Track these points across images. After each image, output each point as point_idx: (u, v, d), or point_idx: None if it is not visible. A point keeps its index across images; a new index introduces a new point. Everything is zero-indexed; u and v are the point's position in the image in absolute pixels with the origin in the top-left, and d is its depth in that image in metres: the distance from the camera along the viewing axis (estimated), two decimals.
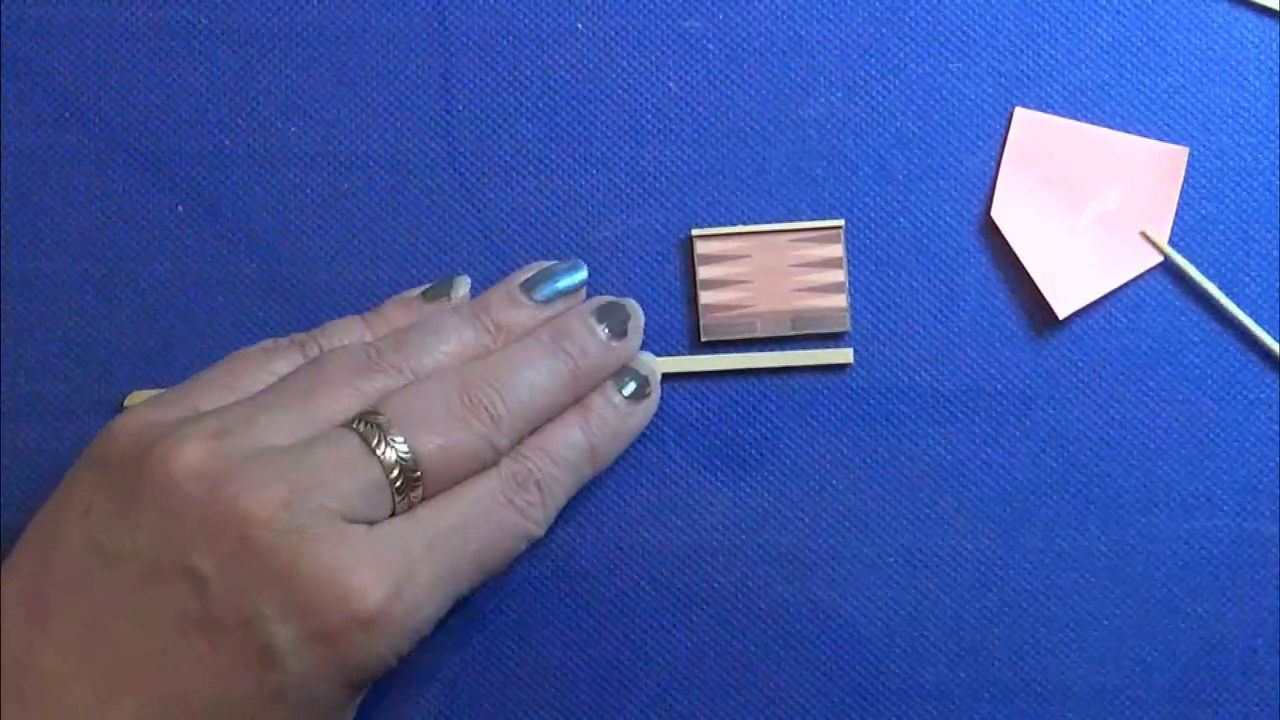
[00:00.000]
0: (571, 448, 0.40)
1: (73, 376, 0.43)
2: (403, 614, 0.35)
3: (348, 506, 0.35)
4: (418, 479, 0.37)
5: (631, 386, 0.41)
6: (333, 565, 0.34)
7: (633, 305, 0.42)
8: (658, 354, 0.43)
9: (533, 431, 0.39)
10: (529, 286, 0.41)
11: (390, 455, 0.36)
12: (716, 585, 0.42)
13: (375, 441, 0.36)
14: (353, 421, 0.37)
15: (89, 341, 0.43)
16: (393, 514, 0.37)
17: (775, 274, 0.43)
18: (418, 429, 0.37)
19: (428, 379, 0.38)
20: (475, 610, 0.42)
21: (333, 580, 0.34)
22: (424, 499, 0.37)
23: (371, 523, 0.36)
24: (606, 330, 0.41)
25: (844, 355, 0.42)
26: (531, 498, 0.39)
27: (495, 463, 0.38)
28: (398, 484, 0.36)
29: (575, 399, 0.40)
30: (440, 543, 0.37)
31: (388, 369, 0.38)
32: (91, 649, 0.34)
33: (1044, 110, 0.43)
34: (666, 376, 0.42)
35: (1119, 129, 0.43)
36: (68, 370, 0.43)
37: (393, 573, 0.35)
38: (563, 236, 0.43)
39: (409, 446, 0.36)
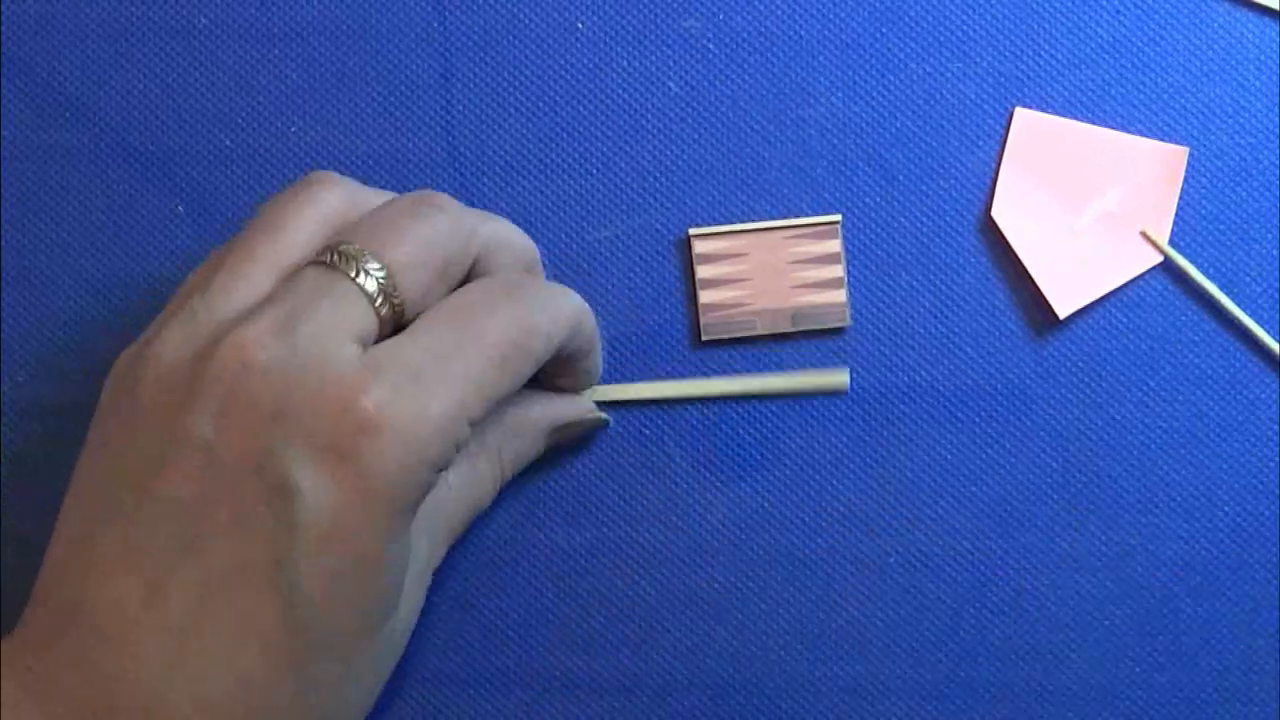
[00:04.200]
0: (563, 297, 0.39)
1: (73, 376, 0.43)
2: (413, 415, 0.33)
3: (335, 333, 0.34)
4: (399, 303, 0.35)
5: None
6: (325, 378, 0.33)
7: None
8: (657, 353, 0.43)
9: None
10: None
11: (371, 284, 0.35)
12: (717, 585, 0.42)
13: (352, 271, 0.35)
14: (323, 254, 0.35)
15: (89, 341, 0.43)
16: (381, 332, 0.35)
17: (774, 271, 0.43)
18: (389, 245, 0.35)
19: (382, 205, 0.37)
20: (473, 607, 0.42)
21: (326, 391, 0.33)
22: (410, 319, 0.36)
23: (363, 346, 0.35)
24: None
25: (841, 378, 0.42)
26: (539, 291, 0.37)
27: (471, 255, 0.37)
28: (382, 307, 0.35)
29: None
30: (444, 346, 0.35)
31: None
32: (130, 556, 0.33)
33: (1044, 110, 0.43)
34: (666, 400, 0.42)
35: (1119, 129, 0.43)
36: (68, 370, 0.43)
37: (390, 375, 0.34)
38: (562, 236, 0.43)
39: (382, 264, 0.35)
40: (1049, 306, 0.42)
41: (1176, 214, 0.43)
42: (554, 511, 0.43)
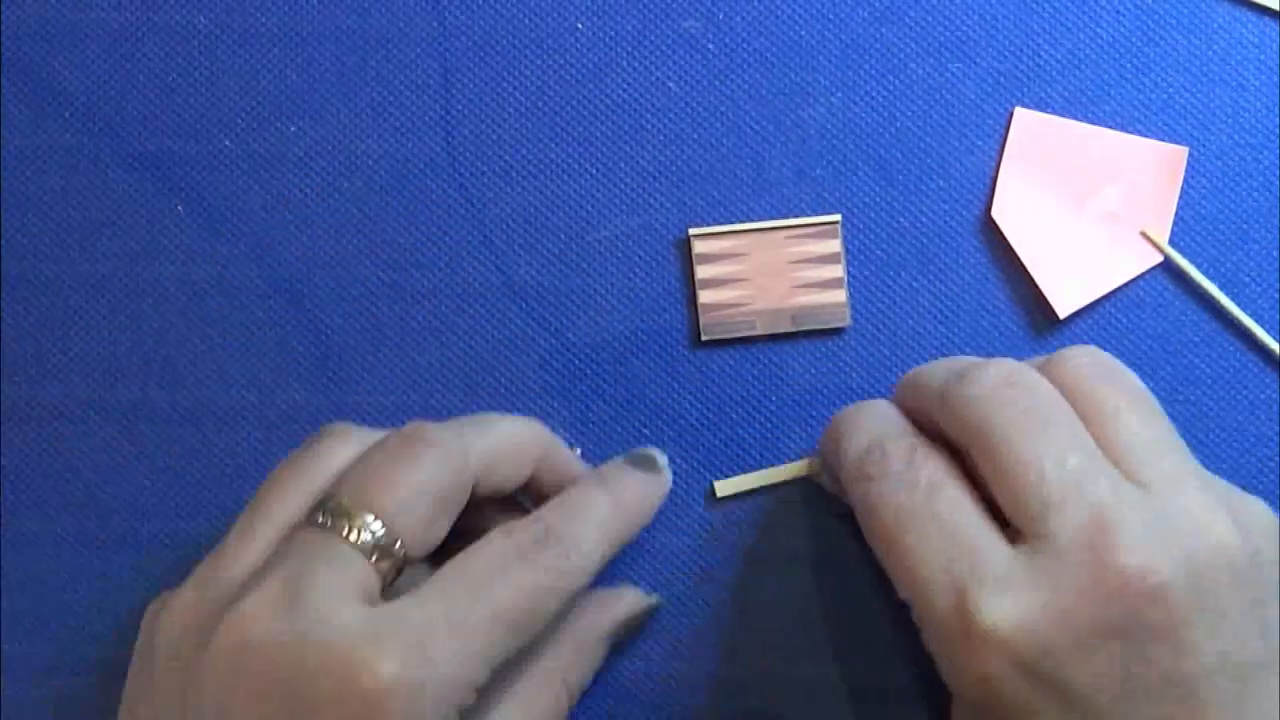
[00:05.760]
0: (590, 502, 0.38)
1: (73, 376, 0.43)
2: (421, 686, 0.33)
3: (334, 600, 0.34)
4: (400, 549, 0.35)
5: (641, 459, 0.40)
6: (327, 654, 0.33)
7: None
8: (657, 353, 0.43)
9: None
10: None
11: (366, 538, 0.35)
12: (717, 585, 0.42)
13: (345, 529, 0.35)
14: (314, 514, 0.35)
15: (89, 341, 0.43)
16: (385, 589, 0.35)
17: (774, 271, 0.43)
18: (381, 495, 0.35)
19: (370, 450, 0.37)
20: None
21: (330, 668, 0.33)
22: (417, 560, 0.36)
23: (367, 603, 0.35)
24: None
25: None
26: (553, 552, 0.36)
27: (468, 481, 0.37)
28: (379, 562, 0.35)
29: None
30: (453, 612, 0.34)
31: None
32: None
33: (1044, 110, 0.43)
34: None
35: (1119, 129, 0.43)
36: (68, 370, 0.43)
37: (399, 646, 0.33)
38: (562, 236, 0.43)
39: (376, 516, 0.35)
40: (1049, 306, 0.42)
41: (1176, 214, 0.43)
42: None
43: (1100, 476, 0.34)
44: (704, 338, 0.43)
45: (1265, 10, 0.43)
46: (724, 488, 0.42)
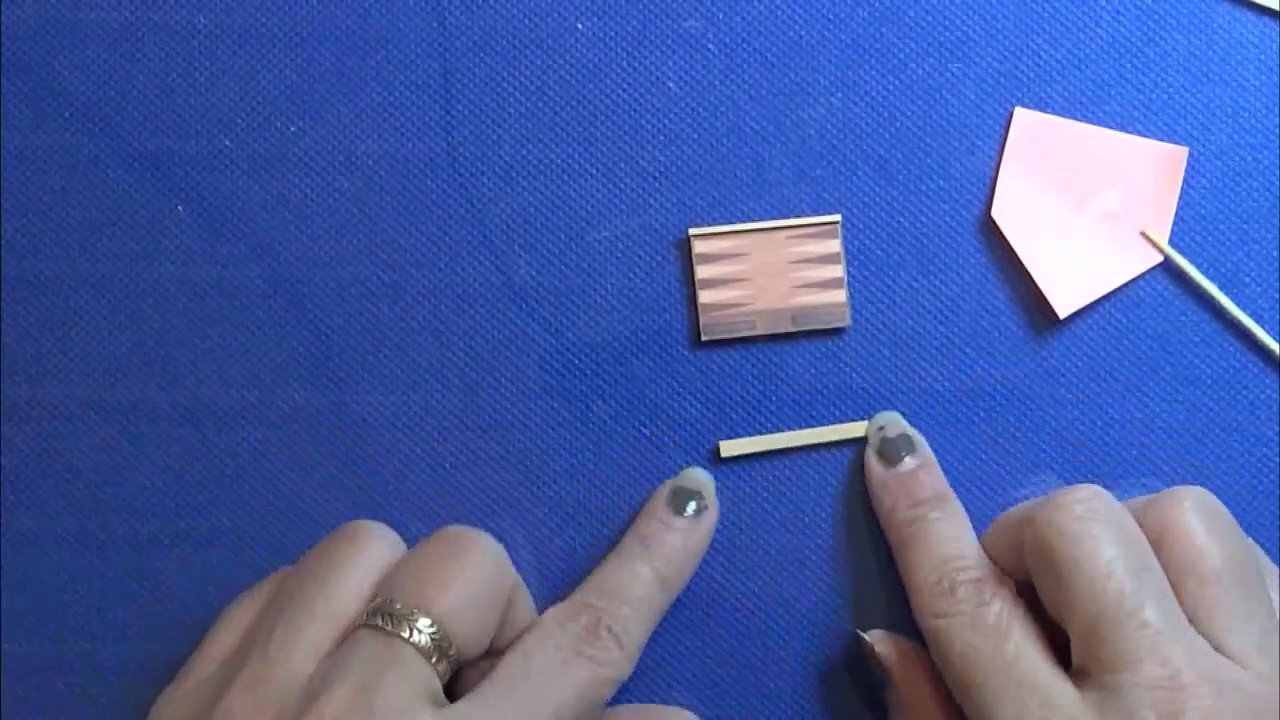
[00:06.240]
0: (640, 584, 0.39)
1: (73, 376, 0.43)
2: None
3: (407, 705, 0.34)
4: (454, 651, 0.36)
5: (691, 507, 0.41)
6: None
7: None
8: (657, 353, 0.43)
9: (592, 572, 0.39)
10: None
11: (424, 640, 0.35)
12: (716, 584, 0.42)
13: (405, 631, 0.35)
14: (373, 616, 0.36)
15: (89, 341, 0.43)
16: (442, 682, 0.36)
17: (774, 271, 0.43)
18: (436, 597, 0.36)
19: (416, 551, 0.38)
20: None
21: None
22: (470, 661, 0.37)
23: (434, 705, 0.35)
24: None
25: (857, 429, 0.42)
26: (605, 644, 0.37)
27: (510, 582, 0.38)
28: (439, 663, 0.36)
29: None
30: (515, 716, 0.35)
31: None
32: None
33: (1044, 110, 0.43)
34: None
35: (1119, 129, 0.43)
36: (68, 370, 0.43)
37: None
38: (562, 236, 0.43)
39: (431, 619, 0.36)
40: (1049, 306, 0.42)
41: (1176, 214, 0.43)
42: (556, 509, 0.43)
43: (1177, 638, 0.35)
44: (704, 338, 0.43)
45: (1265, 10, 0.43)
46: (729, 448, 0.42)
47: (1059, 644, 0.37)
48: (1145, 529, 0.37)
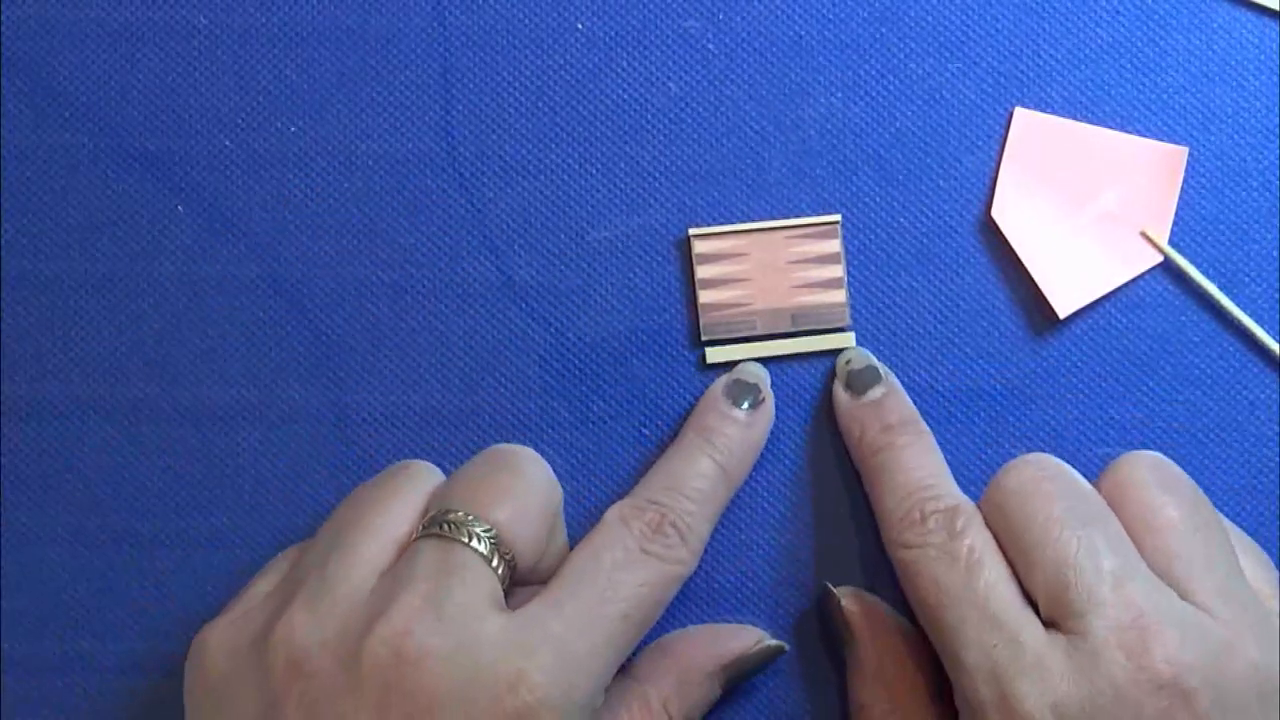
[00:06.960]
0: (702, 478, 0.39)
1: (73, 376, 0.43)
2: (564, 696, 0.34)
3: (476, 609, 0.34)
4: (512, 558, 0.36)
5: (748, 401, 0.40)
6: (479, 664, 0.33)
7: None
8: (657, 353, 0.43)
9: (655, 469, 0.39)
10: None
11: (484, 546, 0.35)
12: (716, 584, 0.42)
13: (465, 537, 0.35)
14: (432, 525, 0.36)
15: (89, 341, 0.43)
16: (506, 592, 0.36)
17: (774, 271, 0.43)
18: (492, 505, 0.36)
19: (468, 467, 0.38)
20: None
21: (481, 678, 0.33)
22: (526, 568, 0.37)
23: (500, 609, 0.35)
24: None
25: (847, 339, 0.42)
26: (671, 541, 0.37)
27: (559, 495, 0.38)
28: (498, 567, 0.35)
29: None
30: (586, 616, 0.35)
31: None
32: None
33: (1044, 110, 0.43)
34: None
35: (1119, 129, 0.43)
36: (68, 370, 0.43)
37: (543, 657, 0.34)
38: (562, 236, 0.43)
39: (489, 524, 0.36)
40: (1049, 306, 0.42)
41: (1176, 214, 0.43)
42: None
43: (1138, 580, 0.35)
44: (704, 338, 0.43)
45: (1265, 10, 0.43)
46: (715, 354, 0.42)
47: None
48: (1104, 494, 0.37)
